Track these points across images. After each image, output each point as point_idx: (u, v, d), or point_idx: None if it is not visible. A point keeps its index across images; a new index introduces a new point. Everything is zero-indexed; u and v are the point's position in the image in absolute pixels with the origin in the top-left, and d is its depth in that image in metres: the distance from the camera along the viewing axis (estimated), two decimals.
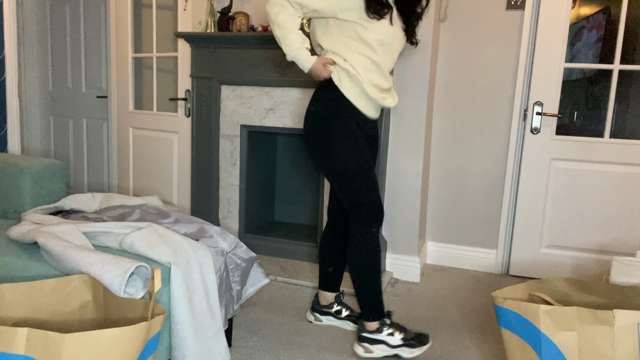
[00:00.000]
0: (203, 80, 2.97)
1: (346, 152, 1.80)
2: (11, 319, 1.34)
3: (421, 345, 1.87)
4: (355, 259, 1.86)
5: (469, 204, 2.96)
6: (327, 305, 2.16)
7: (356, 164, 1.80)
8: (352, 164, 1.80)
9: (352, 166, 1.80)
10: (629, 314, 1.35)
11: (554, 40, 2.67)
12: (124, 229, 1.63)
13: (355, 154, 1.80)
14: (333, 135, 1.80)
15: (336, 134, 1.80)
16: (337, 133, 1.80)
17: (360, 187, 1.82)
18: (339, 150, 1.80)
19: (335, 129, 1.80)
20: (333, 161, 1.81)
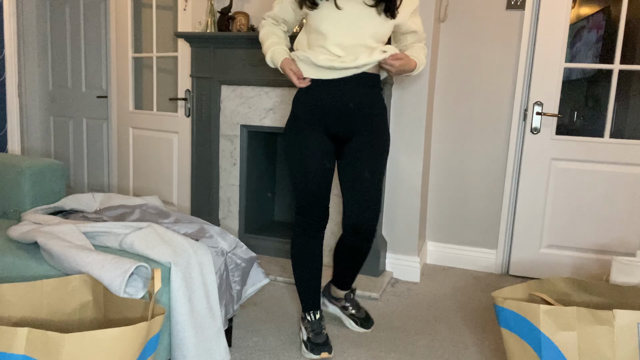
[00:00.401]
0: (203, 80, 2.97)
1: (287, 152, 1.88)
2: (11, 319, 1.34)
3: (312, 353, 1.89)
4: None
5: (469, 204, 2.96)
6: (337, 298, 2.18)
7: (291, 165, 1.87)
8: (290, 165, 1.88)
9: (291, 167, 1.88)
10: (629, 314, 1.35)
11: (554, 40, 2.67)
12: (124, 229, 1.63)
13: (292, 155, 1.86)
14: (285, 134, 1.91)
15: (286, 133, 1.90)
16: (287, 131, 1.89)
17: (294, 189, 1.90)
18: (284, 150, 1.91)
19: (287, 127, 1.90)
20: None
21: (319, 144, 1.83)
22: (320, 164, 1.83)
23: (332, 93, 1.81)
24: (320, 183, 1.85)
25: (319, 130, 1.84)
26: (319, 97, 1.83)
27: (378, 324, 2.21)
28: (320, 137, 1.84)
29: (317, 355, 1.88)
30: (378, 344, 2.03)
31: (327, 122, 1.84)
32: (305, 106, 1.85)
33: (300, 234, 1.91)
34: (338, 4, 1.75)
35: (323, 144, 1.84)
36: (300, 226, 1.91)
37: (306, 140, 1.83)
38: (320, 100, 1.83)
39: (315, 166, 1.83)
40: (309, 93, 1.85)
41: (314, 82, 1.83)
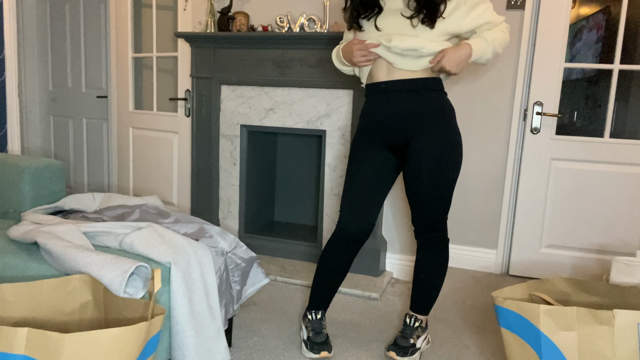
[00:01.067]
0: (203, 80, 2.97)
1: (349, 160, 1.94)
2: (11, 319, 1.34)
3: (311, 352, 1.89)
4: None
5: (469, 204, 2.96)
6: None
7: (346, 173, 1.92)
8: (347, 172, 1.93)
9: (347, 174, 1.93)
10: (629, 314, 1.35)
11: (554, 40, 2.67)
12: (124, 229, 1.63)
13: (349, 164, 1.91)
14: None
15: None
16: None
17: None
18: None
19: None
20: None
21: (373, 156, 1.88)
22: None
23: (386, 132, 1.89)
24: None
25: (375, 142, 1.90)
26: (367, 126, 1.92)
27: (378, 323, 2.21)
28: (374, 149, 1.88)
29: (316, 354, 1.88)
30: (378, 344, 2.03)
31: (381, 133, 1.87)
32: (360, 122, 1.95)
33: (335, 240, 1.91)
34: (378, 24, 1.79)
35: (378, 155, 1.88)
36: (338, 234, 1.90)
37: (360, 148, 1.90)
38: (368, 129, 1.91)
39: (358, 177, 1.88)
40: (363, 110, 1.97)
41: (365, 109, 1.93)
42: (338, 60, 1.95)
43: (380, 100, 1.82)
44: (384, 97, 1.81)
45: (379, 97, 1.83)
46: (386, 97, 1.81)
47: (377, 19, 1.80)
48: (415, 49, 1.71)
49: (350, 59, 1.84)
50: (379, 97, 1.83)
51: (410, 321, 1.93)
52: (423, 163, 1.77)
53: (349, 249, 1.89)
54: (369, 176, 1.85)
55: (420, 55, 1.73)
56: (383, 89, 1.82)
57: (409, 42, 1.71)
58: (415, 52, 1.72)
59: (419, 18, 1.72)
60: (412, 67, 1.76)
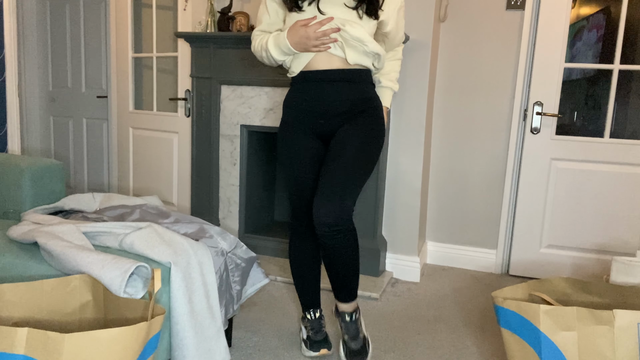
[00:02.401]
0: (203, 80, 2.97)
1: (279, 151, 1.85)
2: (11, 319, 1.34)
3: (311, 350, 1.89)
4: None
5: (469, 204, 2.96)
6: (337, 312, 1.92)
7: (287, 169, 1.83)
8: (281, 163, 1.85)
9: (282, 167, 1.85)
10: (629, 314, 1.35)
11: (554, 40, 2.67)
12: (124, 229, 1.63)
13: (287, 160, 1.82)
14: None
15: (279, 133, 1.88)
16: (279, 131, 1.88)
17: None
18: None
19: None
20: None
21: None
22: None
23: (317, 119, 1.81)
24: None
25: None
26: (297, 113, 1.85)
27: (378, 324, 2.21)
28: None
29: (316, 352, 1.88)
30: (378, 344, 2.03)
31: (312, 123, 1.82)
32: (286, 108, 1.88)
33: (295, 237, 1.90)
34: (321, 7, 1.67)
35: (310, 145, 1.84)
36: (296, 230, 1.89)
37: (290, 137, 1.85)
38: (298, 115, 1.84)
39: (294, 167, 1.83)
40: (289, 96, 1.89)
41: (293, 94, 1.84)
42: (277, 49, 1.72)
43: (315, 90, 1.74)
44: (320, 87, 1.73)
45: (313, 86, 1.74)
46: (322, 87, 1.73)
47: (318, 3, 1.67)
48: (362, 40, 1.66)
49: (303, 43, 1.67)
50: (313, 86, 1.74)
51: (349, 317, 1.80)
52: (347, 144, 1.70)
53: (312, 241, 1.88)
54: (312, 168, 1.79)
55: (364, 50, 1.68)
56: (320, 78, 1.72)
57: (359, 32, 1.65)
58: (360, 44, 1.67)
59: (362, 9, 1.67)
60: (353, 59, 1.69)
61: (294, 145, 1.79)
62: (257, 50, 1.81)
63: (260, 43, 1.79)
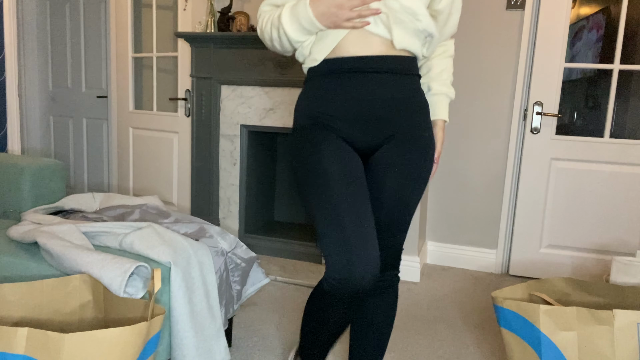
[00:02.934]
0: (203, 80, 2.97)
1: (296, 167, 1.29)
2: (11, 319, 1.34)
3: None
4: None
5: (469, 204, 2.96)
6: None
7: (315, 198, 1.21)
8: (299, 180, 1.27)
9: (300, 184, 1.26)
10: (629, 314, 1.35)
11: (554, 40, 2.67)
12: (124, 229, 1.63)
13: (313, 185, 1.22)
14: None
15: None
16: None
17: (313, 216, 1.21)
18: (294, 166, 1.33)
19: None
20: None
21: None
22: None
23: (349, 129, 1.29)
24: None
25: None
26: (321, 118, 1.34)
27: None
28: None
29: None
30: None
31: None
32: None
33: (331, 299, 1.22)
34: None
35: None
36: (335, 289, 1.16)
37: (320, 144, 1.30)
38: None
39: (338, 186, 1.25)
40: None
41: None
42: (294, 24, 1.21)
43: (346, 84, 1.23)
44: (353, 79, 1.23)
45: (343, 80, 1.23)
46: (356, 80, 1.22)
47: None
48: (415, 13, 1.19)
49: (332, 15, 1.17)
50: (343, 80, 1.23)
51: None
52: (400, 178, 1.27)
53: (353, 305, 1.23)
54: (354, 187, 1.19)
55: (415, 28, 1.21)
56: (353, 67, 1.22)
57: (411, 0, 1.18)
58: (412, 18, 1.20)
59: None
60: (401, 40, 1.21)
61: (323, 158, 1.21)
62: (265, 29, 1.30)
63: (270, 19, 1.28)
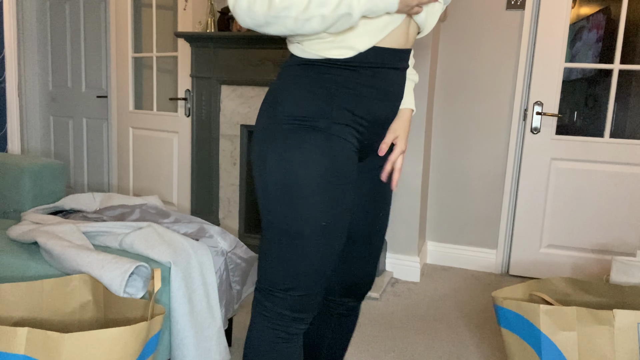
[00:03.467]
0: (203, 80, 2.97)
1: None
2: (11, 319, 1.34)
3: None
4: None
5: (469, 204, 2.96)
6: None
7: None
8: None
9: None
10: (629, 314, 1.35)
11: (554, 40, 2.66)
12: (124, 228, 1.63)
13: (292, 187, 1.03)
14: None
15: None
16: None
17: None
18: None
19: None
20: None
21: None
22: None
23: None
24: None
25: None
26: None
27: (378, 323, 2.21)
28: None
29: None
30: (378, 344, 2.03)
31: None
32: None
33: (284, 324, 1.06)
34: None
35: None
36: (291, 312, 1.05)
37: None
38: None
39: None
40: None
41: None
42: (370, 4, 0.91)
43: (379, 82, 1.04)
44: (389, 76, 1.06)
45: (379, 74, 1.04)
46: (391, 76, 1.06)
47: None
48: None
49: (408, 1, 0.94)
50: (379, 76, 1.04)
51: None
52: (384, 189, 1.19)
53: (298, 340, 1.10)
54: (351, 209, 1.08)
55: (439, 10, 1.09)
56: (391, 61, 1.04)
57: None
58: (441, 4, 1.08)
59: None
60: (427, 30, 1.10)
61: (341, 173, 1.02)
62: (275, 6, 0.90)
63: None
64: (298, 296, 1.03)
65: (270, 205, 1.02)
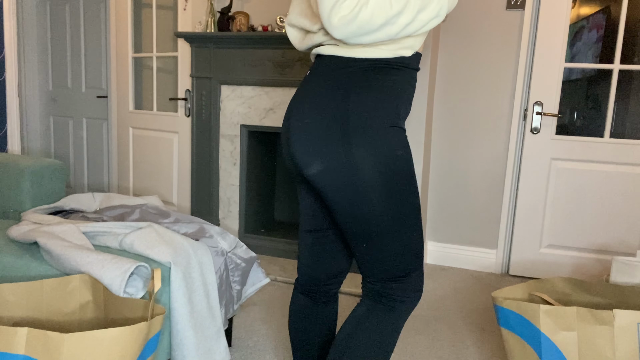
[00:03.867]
0: (203, 80, 2.97)
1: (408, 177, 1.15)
2: (11, 319, 1.34)
3: None
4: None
5: (469, 203, 2.96)
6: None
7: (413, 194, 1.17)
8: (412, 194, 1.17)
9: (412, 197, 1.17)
10: (629, 314, 1.35)
11: (554, 40, 2.67)
12: (124, 229, 1.63)
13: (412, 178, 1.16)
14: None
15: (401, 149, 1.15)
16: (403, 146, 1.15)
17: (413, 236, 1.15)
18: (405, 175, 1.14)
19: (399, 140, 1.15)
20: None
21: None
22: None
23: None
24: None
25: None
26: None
27: None
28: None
29: None
30: None
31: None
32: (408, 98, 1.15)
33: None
34: None
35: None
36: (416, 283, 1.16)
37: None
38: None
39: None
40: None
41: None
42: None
43: (416, 80, 1.18)
44: (415, 77, 1.17)
45: (414, 75, 1.15)
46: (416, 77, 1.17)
47: None
48: None
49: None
50: (414, 76, 1.15)
51: None
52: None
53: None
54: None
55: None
56: (419, 62, 1.16)
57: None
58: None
59: None
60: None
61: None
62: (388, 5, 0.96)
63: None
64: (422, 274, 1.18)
65: (399, 194, 1.09)
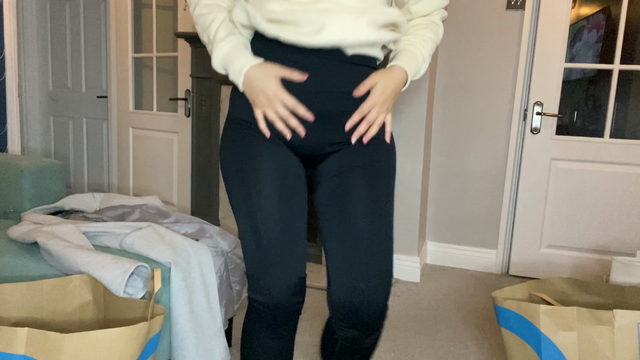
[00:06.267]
0: (203, 80, 2.97)
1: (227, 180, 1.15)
2: (11, 319, 1.34)
3: None
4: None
5: (469, 203, 2.96)
6: None
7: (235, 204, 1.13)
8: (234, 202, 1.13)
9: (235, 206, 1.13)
10: (629, 314, 1.35)
11: (554, 40, 2.67)
12: (124, 229, 1.63)
13: (234, 186, 1.12)
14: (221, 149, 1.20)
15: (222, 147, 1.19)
16: (223, 145, 1.19)
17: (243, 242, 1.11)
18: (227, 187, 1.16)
19: (223, 138, 1.20)
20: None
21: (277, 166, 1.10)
22: (283, 199, 1.08)
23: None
24: (285, 231, 1.06)
25: (275, 143, 1.12)
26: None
27: None
28: (279, 155, 1.12)
29: None
30: (378, 344, 2.03)
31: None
32: (247, 103, 1.14)
33: (257, 322, 1.12)
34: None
35: (285, 165, 1.11)
36: (258, 310, 1.10)
37: (254, 161, 1.10)
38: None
39: (272, 204, 1.07)
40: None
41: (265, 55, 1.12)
42: (221, 68, 1.14)
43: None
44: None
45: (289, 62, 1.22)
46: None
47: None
48: None
49: (257, 100, 1.13)
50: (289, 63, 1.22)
51: None
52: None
53: (282, 333, 1.13)
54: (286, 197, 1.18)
55: None
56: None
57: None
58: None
59: None
60: None
61: (254, 160, 1.20)
62: (198, 20, 1.15)
63: (206, 21, 1.12)
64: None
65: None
